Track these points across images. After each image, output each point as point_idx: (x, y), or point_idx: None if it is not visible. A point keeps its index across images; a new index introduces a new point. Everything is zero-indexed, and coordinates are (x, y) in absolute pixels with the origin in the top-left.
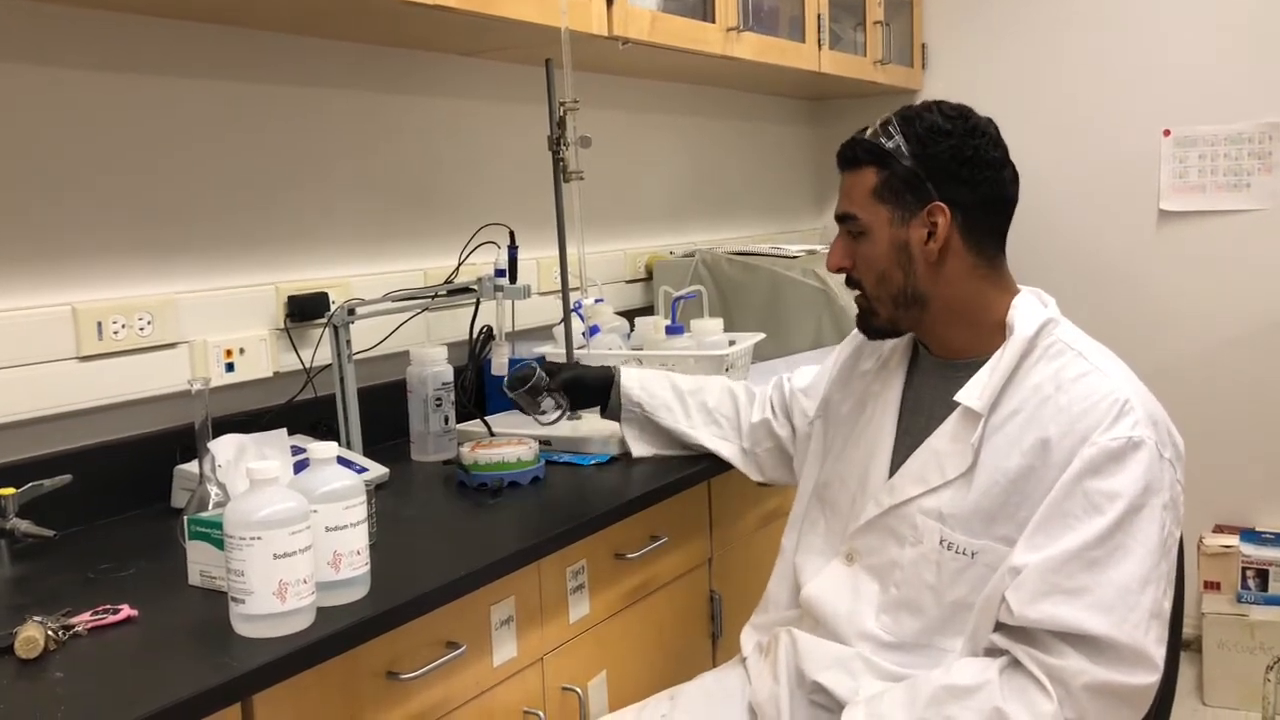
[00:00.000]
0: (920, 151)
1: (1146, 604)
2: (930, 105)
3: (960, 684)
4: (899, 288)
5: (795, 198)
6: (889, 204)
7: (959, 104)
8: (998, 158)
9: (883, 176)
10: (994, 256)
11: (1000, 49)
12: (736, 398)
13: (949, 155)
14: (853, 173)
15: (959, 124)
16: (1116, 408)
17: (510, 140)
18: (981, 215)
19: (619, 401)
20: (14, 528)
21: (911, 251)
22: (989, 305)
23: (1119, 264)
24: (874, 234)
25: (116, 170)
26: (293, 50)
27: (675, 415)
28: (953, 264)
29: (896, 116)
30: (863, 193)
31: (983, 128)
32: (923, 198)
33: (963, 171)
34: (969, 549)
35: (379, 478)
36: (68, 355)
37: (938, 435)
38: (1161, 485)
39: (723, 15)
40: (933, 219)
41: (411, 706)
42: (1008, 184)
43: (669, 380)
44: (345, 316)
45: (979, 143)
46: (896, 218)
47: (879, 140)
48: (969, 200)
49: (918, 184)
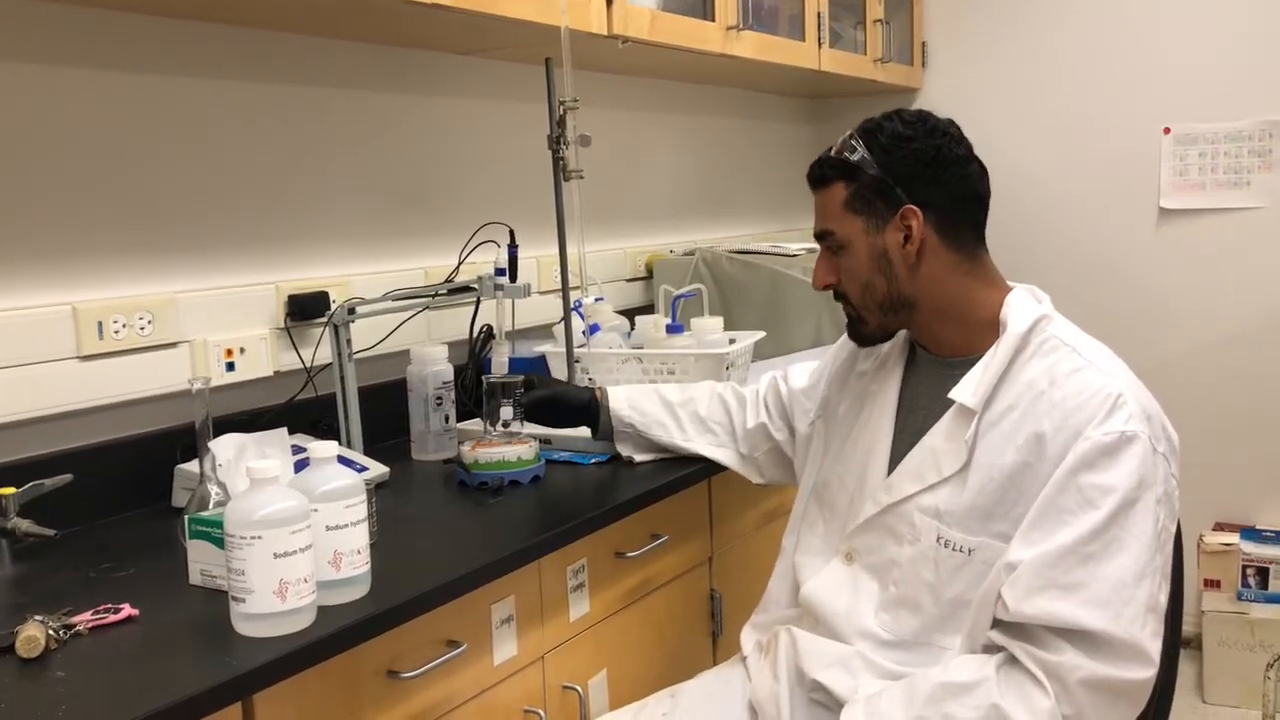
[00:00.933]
0: (885, 159)
1: (1142, 598)
2: (890, 115)
3: (958, 681)
4: (884, 294)
5: (795, 196)
6: (862, 214)
7: (917, 110)
8: (961, 154)
9: (852, 188)
10: (974, 251)
11: (1000, 47)
12: (727, 403)
13: (913, 158)
14: (823, 190)
15: (919, 128)
16: (1110, 402)
17: (510, 139)
18: (954, 212)
19: (610, 424)
20: (15, 527)
21: (891, 257)
22: (978, 302)
23: (1119, 262)
24: (852, 246)
25: (117, 169)
26: (293, 49)
27: (669, 430)
28: (933, 263)
29: (858, 130)
30: (835, 207)
31: (943, 128)
32: (893, 203)
33: (928, 172)
34: (966, 546)
35: (379, 477)
36: (68, 355)
37: (933, 433)
38: (1155, 479)
39: (722, 14)
40: (906, 222)
41: (412, 705)
42: (975, 179)
43: (657, 394)
44: (345, 315)
45: (940, 142)
46: (871, 226)
47: (844, 155)
48: (939, 199)
49: (887, 190)
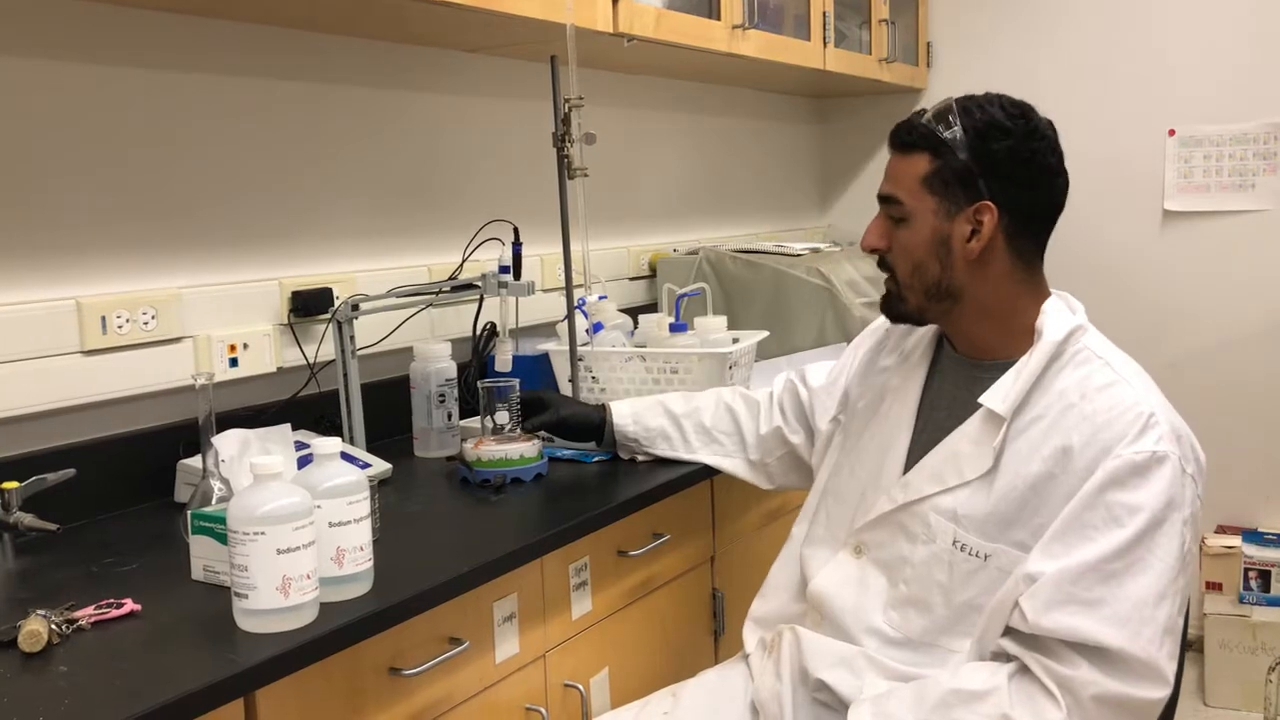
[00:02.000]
0: (978, 146)
1: (1161, 619)
2: (992, 98)
3: (969, 688)
4: (933, 280)
5: (799, 196)
6: (938, 195)
7: (1021, 101)
8: (1054, 164)
9: (935, 166)
10: (1032, 261)
11: (1005, 48)
12: (735, 411)
13: (1006, 155)
14: (904, 156)
15: (1020, 124)
16: (1142, 420)
17: (515, 137)
18: (1029, 221)
19: (614, 439)
20: (17, 521)
21: (952, 246)
22: (1021, 309)
23: (1123, 263)
24: (916, 222)
25: (121, 165)
26: (299, 46)
27: (673, 443)
28: (992, 265)
29: (957, 105)
30: (912, 179)
31: (1043, 130)
32: (973, 195)
33: (1018, 174)
34: (982, 551)
35: (382, 473)
36: (72, 349)
37: (958, 436)
38: (1183, 501)
39: (728, 13)
40: (979, 217)
41: (414, 702)
42: (1060, 192)
43: (662, 406)
44: (349, 312)
45: (1038, 146)
46: (943, 210)
47: (937, 128)
48: (1019, 204)
49: (970, 180)
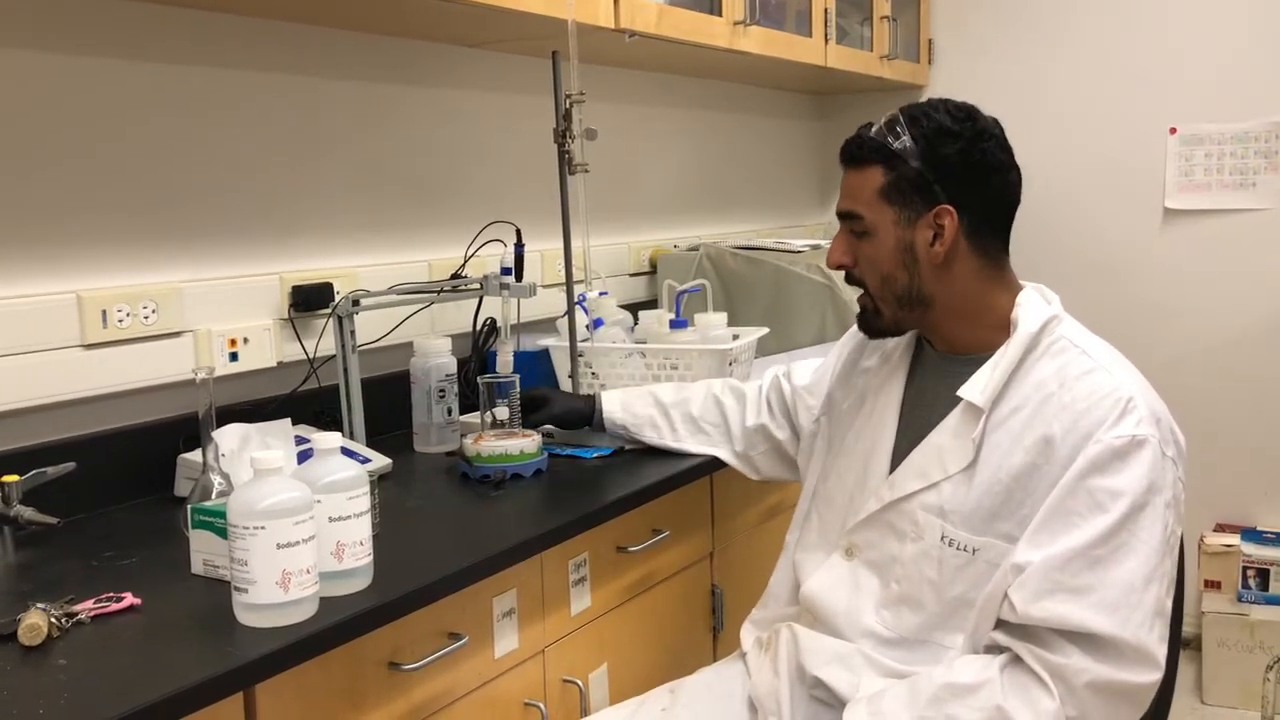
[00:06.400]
0: (929, 153)
1: (1150, 602)
2: (936, 104)
3: (961, 682)
4: (904, 289)
5: (800, 192)
6: (896, 205)
7: (964, 103)
8: (1005, 160)
9: (890, 177)
10: (998, 258)
11: (1007, 45)
12: (723, 402)
13: (958, 158)
14: (858, 171)
15: (967, 126)
16: (1120, 405)
17: (516, 132)
18: (987, 218)
19: (603, 427)
20: (18, 515)
21: (917, 253)
22: (994, 305)
23: (1123, 262)
24: (879, 234)
25: (123, 158)
26: (300, 40)
27: (660, 431)
28: (958, 266)
29: (903, 115)
30: (869, 192)
31: (990, 129)
32: (930, 200)
33: (971, 175)
34: (970, 545)
35: (382, 468)
36: (72, 343)
37: (939, 430)
38: (1164, 483)
39: (729, 9)
40: (939, 222)
41: (413, 697)
42: (1014, 187)
43: (651, 395)
44: (349, 308)
45: (987, 145)
46: (903, 219)
47: (886, 139)
48: (976, 203)
49: (925, 186)
